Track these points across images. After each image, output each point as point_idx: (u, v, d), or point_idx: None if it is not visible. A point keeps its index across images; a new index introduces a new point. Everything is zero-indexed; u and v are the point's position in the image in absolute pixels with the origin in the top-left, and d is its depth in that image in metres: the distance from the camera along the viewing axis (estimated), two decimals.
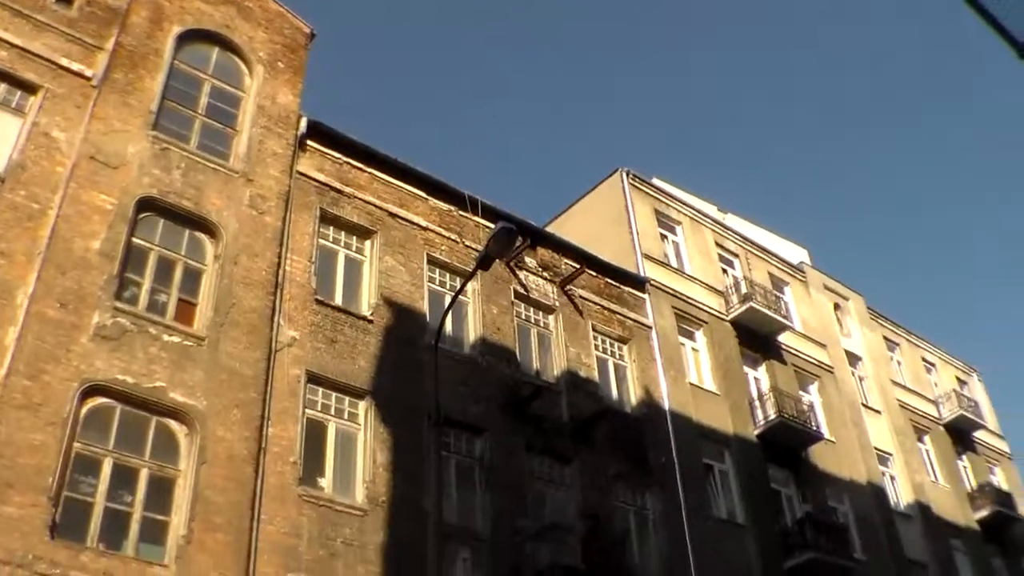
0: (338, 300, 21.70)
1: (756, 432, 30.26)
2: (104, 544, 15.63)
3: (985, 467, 43.82)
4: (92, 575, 14.97)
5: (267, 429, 18.47)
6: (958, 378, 47.02)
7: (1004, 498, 41.09)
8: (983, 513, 39.83)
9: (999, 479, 44.22)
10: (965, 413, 42.36)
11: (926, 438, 40.74)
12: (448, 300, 19.92)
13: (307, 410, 19.64)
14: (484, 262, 15.44)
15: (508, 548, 21.15)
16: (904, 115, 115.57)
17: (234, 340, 18.84)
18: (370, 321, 21.71)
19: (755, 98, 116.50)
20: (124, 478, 16.45)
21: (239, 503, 17.31)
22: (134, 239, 18.79)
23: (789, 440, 31.01)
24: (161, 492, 16.77)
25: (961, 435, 43.05)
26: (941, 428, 41.90)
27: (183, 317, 18.74)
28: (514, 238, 15.11)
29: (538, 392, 23.62)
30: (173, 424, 17.45)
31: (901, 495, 36.71)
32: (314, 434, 19.60)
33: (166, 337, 17.97)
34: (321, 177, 22.83)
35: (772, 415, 30.33)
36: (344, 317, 21.30)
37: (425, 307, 23.09)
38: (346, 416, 20.35)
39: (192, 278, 19.42)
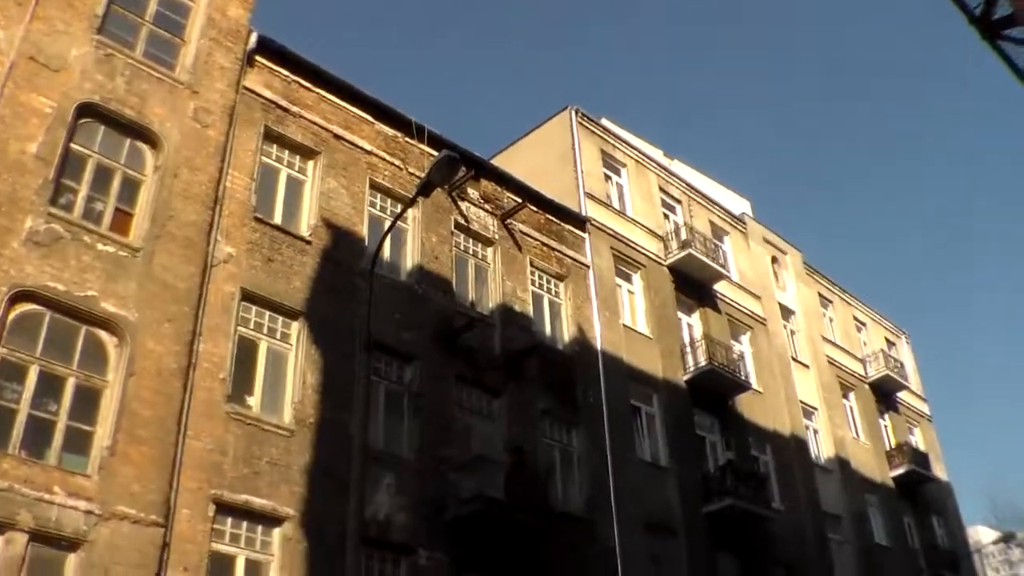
0: (277, 219, 21.50)
1: (685, 378, 30.65)
2: (26, 452, 15.51)
3: (905, 427, 44.94)
4: (13, 482, 14.89)
5: (198, 345, 18.39)
6: (887, 339, 47.96)
7: (920, 458, 42.27)
8: (899, 471, 40.98)
9: (917, 439, 45.45)
10: (891, 374, 43.28)
11: (851, 395, 41.59)
12: (388, 226, 19.82)
13: (239, 328, 19.56)
14: (425, 189, 15.42)
15: (432, 476, 21.36)
16: (859, 79, 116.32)
17: (169, 253, 18.63)
18: (308, 242, 21.58)
19: (715, 50, 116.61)
20: (50, 386, 16.31)
21: (165, 417, 17.26)
22: (72, 145, 18.38)
23: (717, 387, 31.48)
24: (87, 402, 16.65)
25: (885, 394, 44.06)
26: (866, 386, 42.81)
27: (119, 227, 18.43)
28: (457, 167, 15.09)
29: (472, 324, 23.70)
30: (103, 334, 17.28)
31: (822, 449, 37.51)
32: (245, 352, 19.56)
33: (100, 246, 17.71)
34: (268, 94, 22.48)
35: (702, 362, 30.72)
36: (282, 237, 21.15)
37: (364, 231, 22.98)
38: (278, 336, 20.30)
39: (130, 188, 19.07)
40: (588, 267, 29.22)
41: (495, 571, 21.91)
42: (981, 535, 56.09)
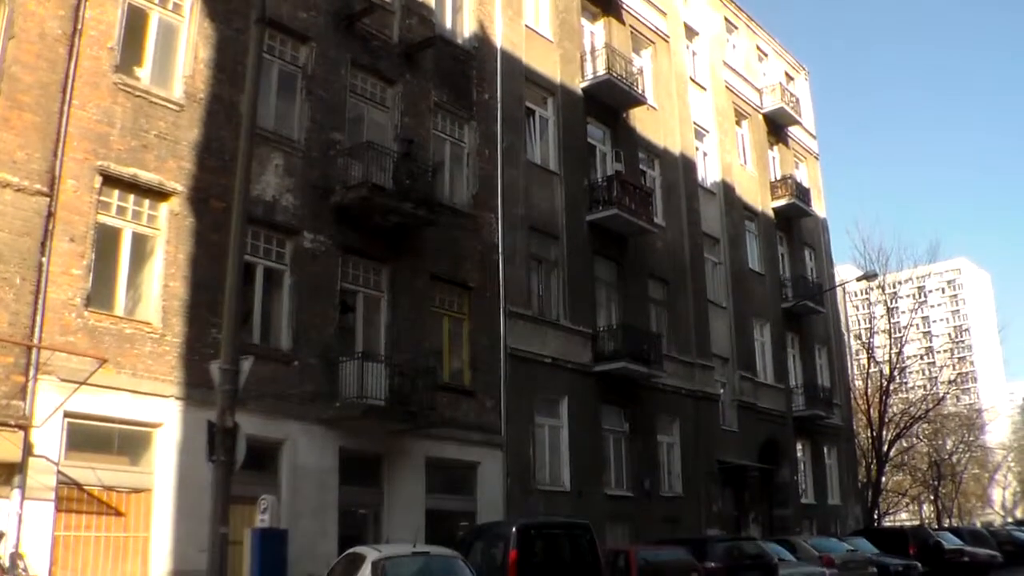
0: None
1: (582, 85, 30.58)
2: None
3: (792, 161, 46.00)
4: None
5: (84, 10, 17.76)
6: (787, 73, 48.14)
7: (802, 193, 43.61)
8: (780, 203, 42.35)
9: (802, 175, 46.49)
10: (786, 107, 43.78)
11: (744, 123, 42.10)
12: None
13: None
14: None
15: (321, 160, 21.48)
16: None
17: None
18: None
19: None
20: None
21: (49, 84, 16.90)
22: None
23: (613, 99, 31.53)
24: None
25: (777, 127, 44.80)
26: (760, 117, 43.33)
27: None
28: None
29: (371, 8, 23.11)
30: None
31: (709, 172, 38.30)
32: (134, 21, 19.01)
33: None
34: None
35: (601, 71, 30.54)
36: None
37: None
38: (170, 6, 19.67)
39: None
40: None
41: (378, 257, 22.53)
42: (848, 273, 58.40)
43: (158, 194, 18.46)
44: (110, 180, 17.69)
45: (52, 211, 16.53)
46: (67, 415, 16.23)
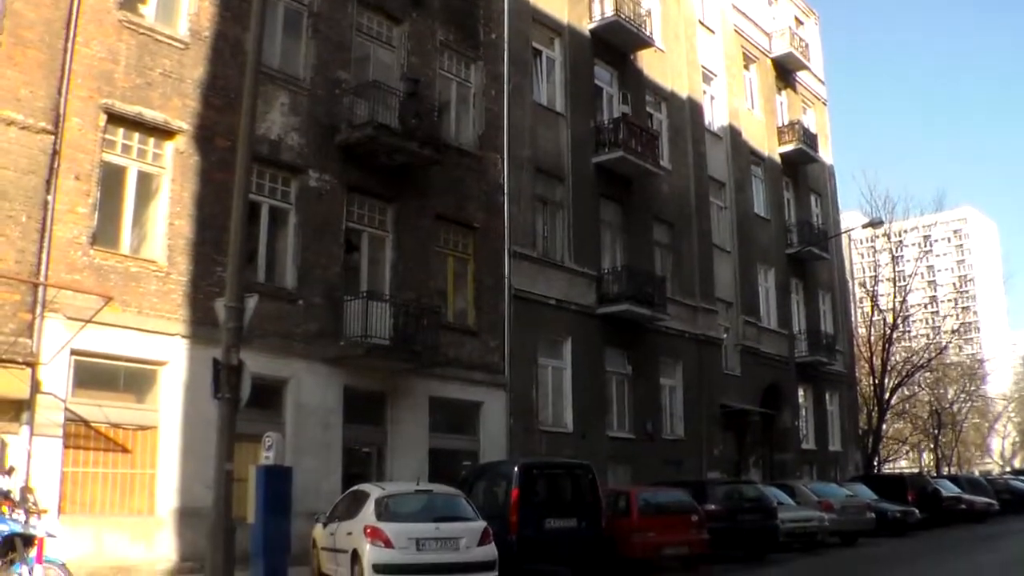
0: None
1: (590, 26, 30.31)
2: None
3: (800, 106, 45.61)
4: None
5: None
6: (797, 18, 47.58)
7: (810, 138, 43.25)
8: (787, 148, 42.04)
9: (810, 120, 46.08)
10: (795, 52, 43.37)
11: (753, 67, 41.74)
12: None
13: None
14: None
15: (326, 99, 21.41)
16: None
17: None
18: None
19: None
20: None
21: (53, 21, 16.79)
22: None
23: (620, 40, 31.23)
24: None
25: (786, 72, 44.36)
26: (769, 61, 42.89)
27: None
28: None
29: None
30: None
31: (716, 116, 38.05)
32: None
33: None
34: None
35: (609, 12, 30.24)
36: None
37: None
38: None
39: None
40: None
41: (383, 197, 22.55)
42: (854, 220, 58.14)
43: (163, 132, 18.42)
44: (115, 118, 17.66)
45: (57, 149, 16.52)
46: (74, 352, 16.38)
